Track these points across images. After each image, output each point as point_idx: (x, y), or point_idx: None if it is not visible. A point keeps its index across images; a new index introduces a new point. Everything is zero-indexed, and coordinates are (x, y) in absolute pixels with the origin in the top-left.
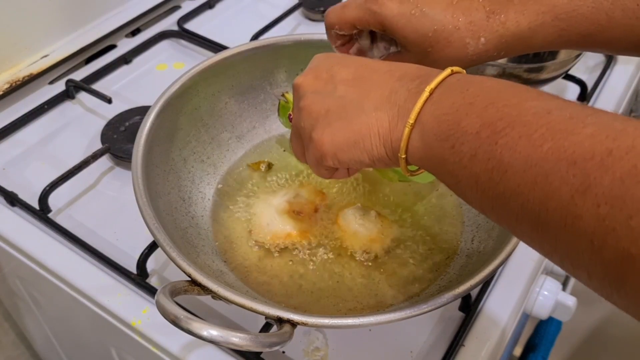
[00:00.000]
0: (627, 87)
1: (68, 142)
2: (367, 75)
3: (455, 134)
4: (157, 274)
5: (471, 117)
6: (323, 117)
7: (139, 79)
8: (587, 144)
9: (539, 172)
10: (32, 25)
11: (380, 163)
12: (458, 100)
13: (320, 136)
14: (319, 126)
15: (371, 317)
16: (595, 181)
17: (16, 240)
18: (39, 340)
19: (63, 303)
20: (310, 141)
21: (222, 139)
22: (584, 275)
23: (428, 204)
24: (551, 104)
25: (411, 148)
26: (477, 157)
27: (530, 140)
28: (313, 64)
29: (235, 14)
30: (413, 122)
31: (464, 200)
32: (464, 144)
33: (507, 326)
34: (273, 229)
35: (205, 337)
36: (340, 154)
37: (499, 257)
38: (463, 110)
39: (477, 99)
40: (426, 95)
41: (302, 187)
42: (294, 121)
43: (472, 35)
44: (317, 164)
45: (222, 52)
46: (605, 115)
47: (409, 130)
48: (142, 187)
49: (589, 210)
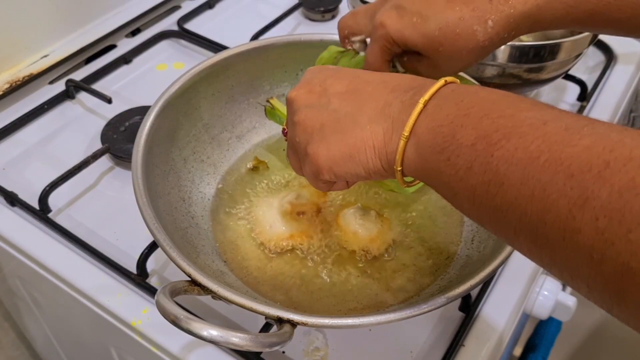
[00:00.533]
0: (627, 87)
1: (68, 142)
2: (361, 87)
3: (451, 147)
4: (157, 274)
5: (466, 129)
6: (318, 131)
7: (139, 79)
8: (584, 156)
9: (536, 184)
10: (32, 25)
11: (376, 175)
12: (453, 112)
13: (315, 151)
14: (314, 141)
15: (371, 317)
16: (593, 194)
17: (16, 240)
18: (39, 340)
19: (63, 303)
20: (306, 156)
21: (222, 138)
22: (584, 288)
23: (428, 204)
24: (546, 114)
25: (407, 160)
26: (473, 169)
27: (527, 152)
28: (306, 77)
29: (235, 14)
30: (408, 135)
31: (461, 212)
32: (460, 156)
33: (507, 326)
34: (276, 231)
35: (205, 337)
36: (336, 168)
37: (499, 257)
38: (458, 122)
39: (472, 110)
40: (420, 107)
41: (303, 188)
42: (289, 136)
43: (479, 20)
44: (314, 178)
45: (222, 52)
46: (601, 126)
47: (404, 142)
48: (142, 187)
49: (587, 224)
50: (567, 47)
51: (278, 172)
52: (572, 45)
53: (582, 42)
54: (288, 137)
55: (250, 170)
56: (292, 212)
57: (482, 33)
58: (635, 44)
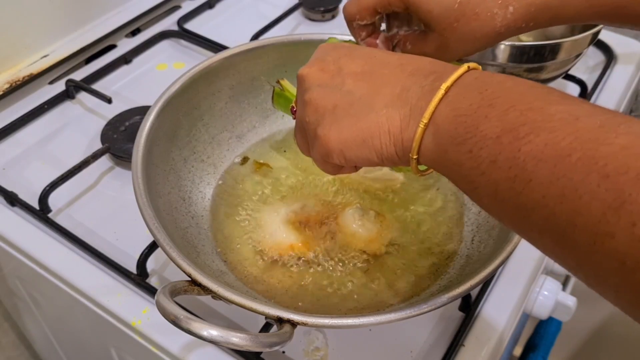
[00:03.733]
0: (627, 87)
1: (68, 142)
2: (377, 69)
3: (473, 138)
4: (157, 274)
5: (491, 121)
6: (330, 112)
7: (139, 79)
8: (620, 156)
9: (567, 184)
10: (32, 25)
11: (389, 162)
12: (476, 101)
13: (326, 133)
14: (325, 122)
15: (371, 317)
16: (630, 198)
17: (16, 240)
18: (39, 340)
19: (63, 303)
20: (315, 137)
21: (222, 138)
22: (611, 295)
23: (428, 204)
24: (578, 109)
25: (424, 149)
26: (497, 163)
27: (557, 148)
28: (319, 54)
29: (235, 14)
30: (427, 122)
31: (480, 207)
32: (483, 148)
33: (507, 326)
34: (277, 239)
35: (205, 337)
36: (348, 152)
37: (499, 257)
38: (482, 113)
39: (497, 101)
40: (441, 94)
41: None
42: (298, 115)
43: (500, 4)
44: (322, 160)
45: (222, 52)
46: (638, 125)
47: (421, 130)
48: (142, 187)
49: (622, 229)
50: (567, 47)
51: (278, 172)
52: (572, 45)
53: (582, 42)
54: (297, 116)
55: (250, 171)
56: (296, 222)
57: (501, 18)
58: (635, 44)
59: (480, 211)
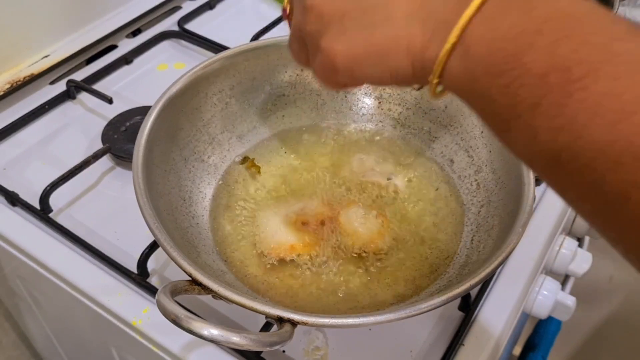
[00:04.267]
0: None
1: (69, 142)
2: None
3: (513, 71)
4: (157, 273)
5: (537, 52)
6: (337, 21)
7: (139, 79)
8: None
9: (627, 149)
10: (33, 26)
11: (402, 83)
12: (520, 23)
13: (332, 45)
14: (330, 32)
15: (371, 316)
16: None
17: (17, 240)
18: (40, 340)
19: (64, 303)
20: (318, 50)
21: (222, 138)
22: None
23: (428, 204)
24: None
25: (448, 73)
26: (540, 107)
27: (620, 102)
28: None
29: (236, 15)
30: (455, 41)
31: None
32: (524, 86)
33: (507, 326)
34: (277, 239)
35: (206, 336)
36: (357, 69)
37: (498, 257)
38: (526, 40)
39: (547, 26)
40: (474, 7)
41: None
42: (296, 23)
43: None
44: (325, 77)
45: (222, 52)
46: None
47: (447, 51)
48: (142, 187)
49: None
50: None
51: (278, 172)
52: None
53: None
54: (293, 22)
55: (250, 171)
56: (296, 222)
57: None
58: None
59: (480, 211)
